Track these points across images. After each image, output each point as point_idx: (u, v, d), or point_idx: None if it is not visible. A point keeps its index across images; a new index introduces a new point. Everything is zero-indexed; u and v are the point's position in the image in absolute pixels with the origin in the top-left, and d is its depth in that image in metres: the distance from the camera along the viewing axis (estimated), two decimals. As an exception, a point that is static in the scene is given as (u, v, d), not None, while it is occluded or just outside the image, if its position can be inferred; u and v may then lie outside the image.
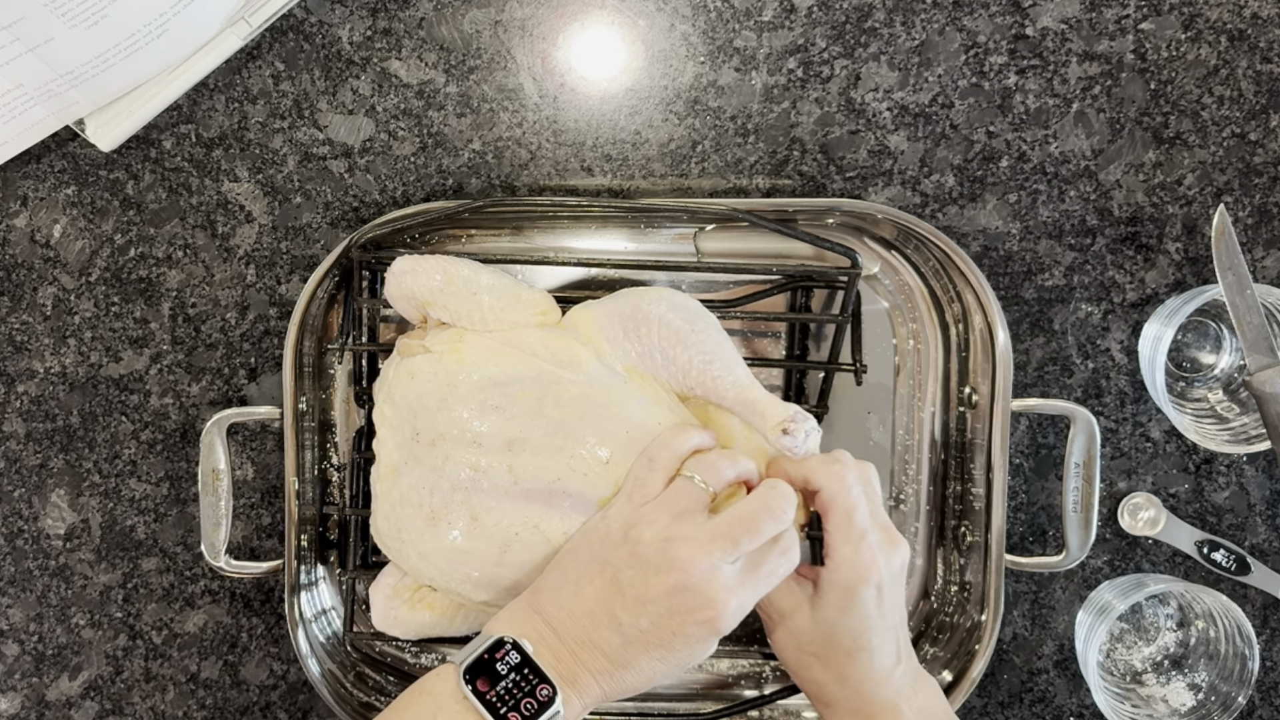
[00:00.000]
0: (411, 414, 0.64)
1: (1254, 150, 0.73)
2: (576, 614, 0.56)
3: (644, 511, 0.57)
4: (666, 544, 0.55)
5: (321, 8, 0.72)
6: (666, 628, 0.55)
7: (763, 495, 0.57)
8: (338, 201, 0.74)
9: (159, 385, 0.75)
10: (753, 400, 0.61)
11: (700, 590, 0.54)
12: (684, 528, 0.55)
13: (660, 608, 0.54)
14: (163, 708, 0.77)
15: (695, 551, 0.54)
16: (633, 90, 0.73)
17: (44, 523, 0.76)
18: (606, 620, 0.55)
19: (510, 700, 0.54)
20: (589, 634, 0.56)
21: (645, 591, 0.55)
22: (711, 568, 0.54)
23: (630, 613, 0.55)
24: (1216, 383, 0.75)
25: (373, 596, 0.68)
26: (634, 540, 0.56)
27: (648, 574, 0.55)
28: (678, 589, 0.54)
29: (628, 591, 0.55)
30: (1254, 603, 0.75)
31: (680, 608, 0.54)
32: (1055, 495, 0.75)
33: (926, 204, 0.73)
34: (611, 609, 0.55)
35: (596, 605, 0.56)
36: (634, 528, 0.56)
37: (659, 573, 0.54)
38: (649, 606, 0.55)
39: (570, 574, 0.57)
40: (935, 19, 0.72)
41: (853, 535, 0.58)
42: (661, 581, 0.54)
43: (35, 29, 0.66)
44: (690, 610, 0.54)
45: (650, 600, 0.54)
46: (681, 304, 0.64)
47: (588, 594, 0.56)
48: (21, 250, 0.74)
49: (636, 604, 0.55)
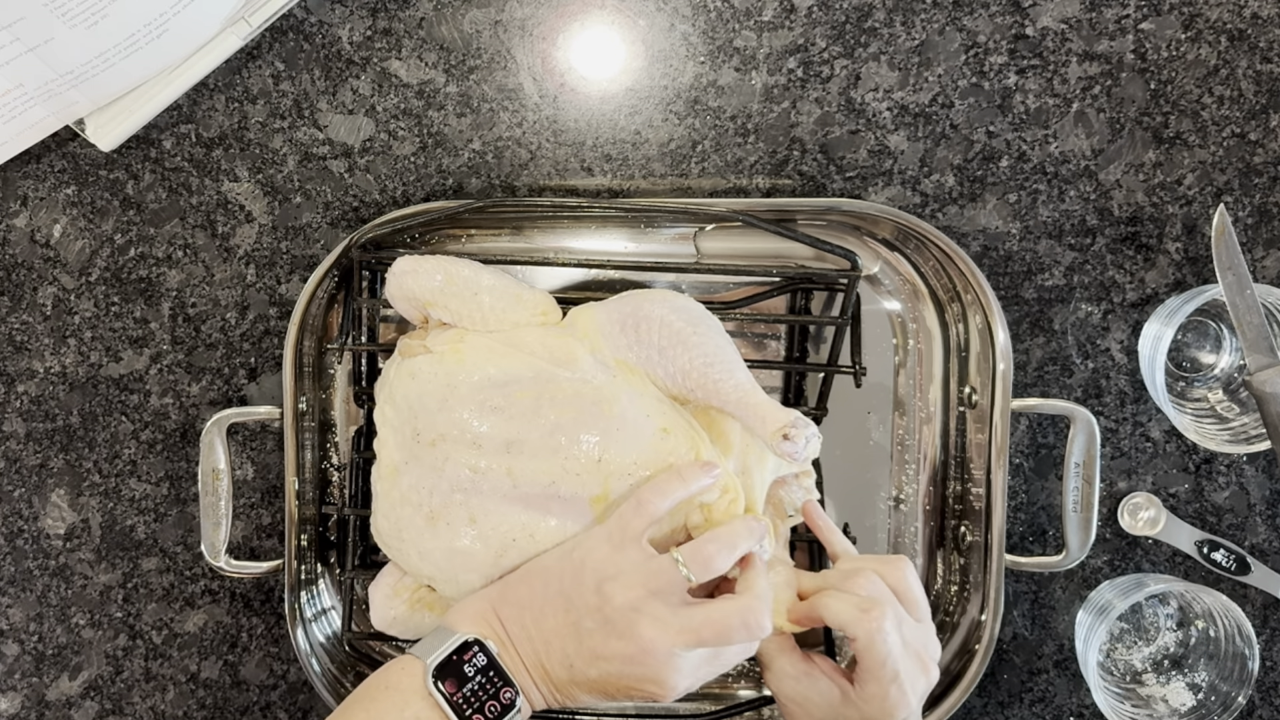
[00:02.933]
0: (412, 414, 0.64)
1: (1254, 150, 0.72)
2: (534, 638, 0.57)
3: (622, 570, 0.56)
4: (634, 614, 0.55)
5: (321, 8, 0.72)
6: (613, 683, 0.56)
7: (745, 608, 0.56)
8: (338, 201, 0.74)
9: (159, 385, 0.75)
10: (753, 405, 0.61)
11: (654, 669, 0.55)
12: (656, 606, 0.55)
13: (611, 667, 0.55)
14: (163, 708, 0.77)
15: (659, 635, 0.55)
16: (633, 90, 0.73)
17: (44, 523, 0.76)
18: (559, 657, 0.56)
19: (475, 702, 0.55)
20: (541, 659, 0.57)
21: (602, 649, 0.55)
22: (669, 654, 0.55)
23: (583, 660, 0.56)
24: (1216, 383, 0.75)
25: (372, 596, 0.68)
26: (605, 596, 0.56)
27: (608, 635, 0.55)
28: (633, 659, 0.55)
29: (585, 641, 0.56)
30: (1254, 603, 0.75)
31: (630, 675, 0.55)
32: (1055, 495, 0.75)
33: (926, 204, 0.73)
34: (565, 648, 0.56)
35: (554, 639, 0.56)
36: (608, 582, 0.56)
37: (619, 638, 0.55)
38: (601, 663, 0.55)
39: (536, 596, 0.58)
40: (935, 19, 0.72)
41: (884, 677, 0.58)
42: (620, 647, 0.55)
43: (35, 29, 0.66)
44: (640, 680, 0.55)
45: (604, 658, 0.55)
46: (683, 306, 0.64)
47: (548, 625, 0.57)
48: (21, 250, 0.74)
49: (590, 656, 0.56)
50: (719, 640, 0.55)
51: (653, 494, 0.58)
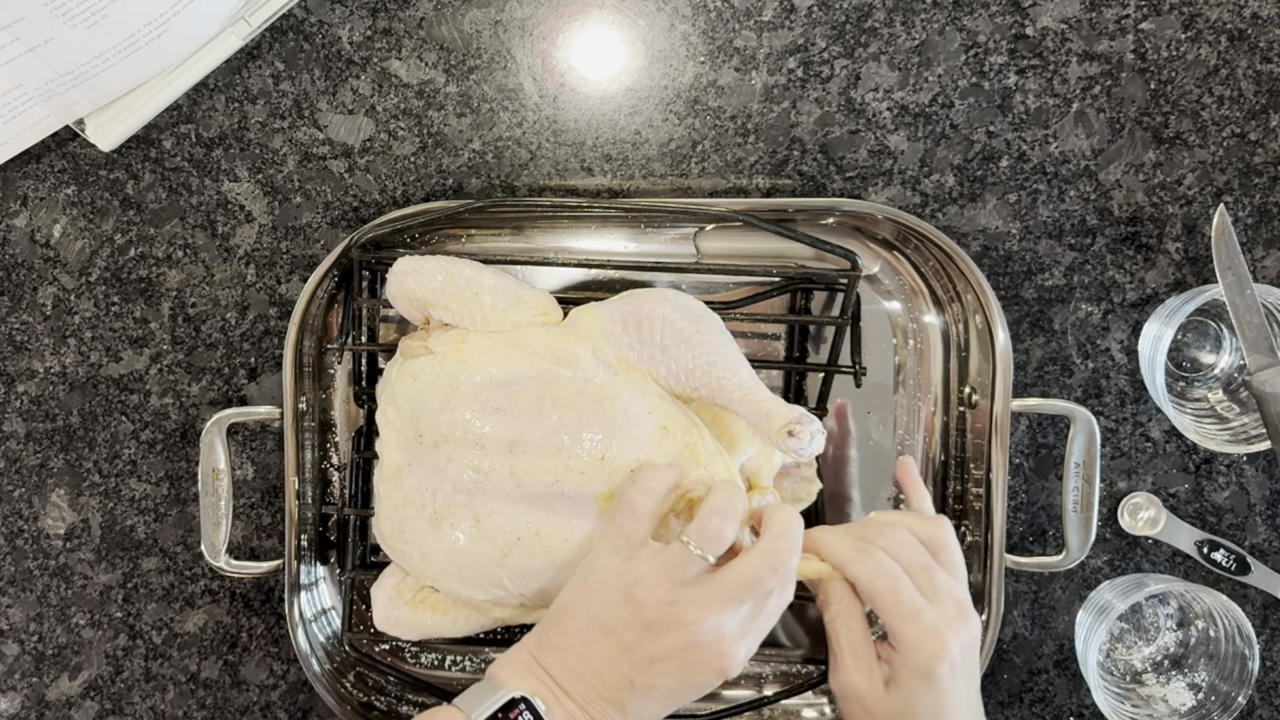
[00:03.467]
0: (414, 415, 0.64)
1: (1254, 150, 0.73)
2: (585, 675, 0.56)
3: (643, 572, 0.56)
4: (672, 607, 0.55)
5: (321, 8, 0.72)
6: (679, 679, 0.55)
7: (766, 549, 0.56)
8: (338, 201, 0.74)
9: (159, 385, 0.75)
10: (758, 402, 0.61)
11: (711, 645, 0.54)
12: (688, 591, 0.55)
13: (672, 664, 0.55)
14: (163, 708, 0.77)
15: (702, 613, 0.54)
16: (633, 90, 0.73)
17: (44, 523, 0.76)
18: (617, 678, 0.55)
19: None
20: (600, 692, 0.56)
21: (654, 651, 0.55)
22: (718, 625, 0.54)
23: (641, 672, 0.55)
24: (1216, 383, 0.75)
25: (374, 597, 0.68)
26: (637, 603, 0.55)
27: (656, 636, 0.55)
28: (688, 647, 0.54)
29: (636, 653, 0.55)
30: (1254, 603, 0.75)
31: (692, 662, 0.55)
32: (1055, 495, 0.75)
33: (926, 204, 0.73)
34: (621, 668, 0.55)
35: (605, 666, 0.56)
36: (635, 588, 0.55)
37: (667, 633, 0.54)
38: (660, 664, 0.55)
39: (572, 635, 0.57)
40: (935, 19, 0.72)
41: (906, 614, 0.57)
42: (671, 641, 0.54)
43: (35, 29, 0.66)
44: (703, 663, 0.55)
45: (660, 659, 0.55)
46: (685, 305, 0.64)
47: (594, 655, 0.56)
48: (21, 250, 0.74)
49: (646, 664, 0.55)
50: (755, 592, 0.55)
51: (641, 495, 0.58)
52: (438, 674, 0.76)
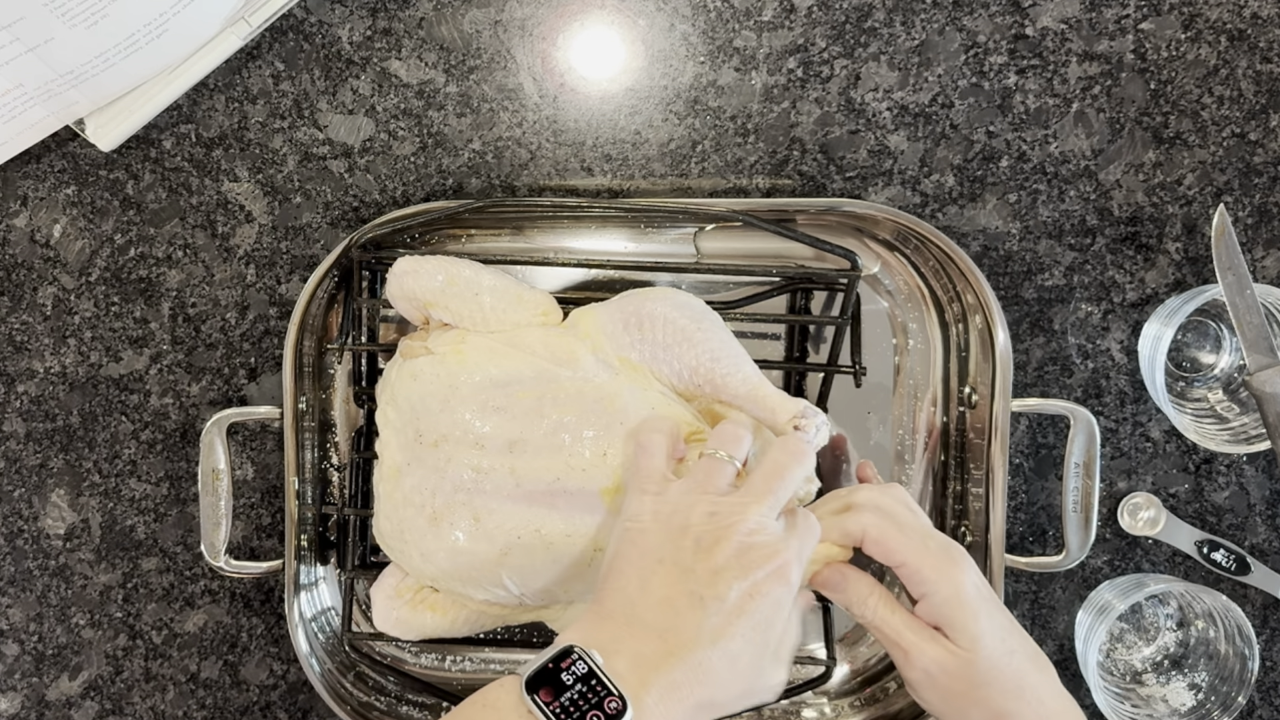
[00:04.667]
0: (414, 415, 0.64)
1: (1254, 150, 0.73)
2: (652, 605, 0.54)
3: (676, 499, 0.56)
4: (715, 517, 0.55)
5: (321, 8, 0.72)
6: (745, 591, 0.53)
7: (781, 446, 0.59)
8: (338, 201, 0.74)
9: (159, 385, 0.75)
10: (763, 397, 0.62)
11: (762, 545, 0.54)
12: (725, 499, 0.56)
13: (733, 571, 0.53)
14: (163, 708, 0.77)
15: (745, 511, 0.55)
16: (633, 90, 0.73)
17: (44, 523, 0.76)
18: (686, 600, 0.53)
19: (575, 711, 0.51)
20: (671, 621, 0.53)
21: (713, 562, 0.54)
22: (761, 522, 0.55)
23: (707, 585, 0.53)
24: (1216, 383, 0.75)
25: (374, 597, 0.68)
26: (680, 526, 0.55)
27: (709, 548, 0.54)
28: (743, 549, 0.54)
29: (697, 568, 0.54)
30: (1254, 603, 0.75)
31: (751, 564, 0.54)
32: (1055, 495, 0.75)
33: (926, 204, 0.73)
34: (688, 587, 0.53)
35: (671, 590, 0.54)
36: (675, 515, 0.56)
37: (719, 542, 0.54)
38: (723, 573, 0.53)
39: (629, 575, 0.55)
40: (935, 19, 0.72)
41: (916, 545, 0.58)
42: (725, 548, 0.54)
43: (35, 29, 0.66)
44: (760, 564, 0.54)
45: (722, 568, 0.54)
46: (686, 303, 0.64)
47: (656, 585, 0.54)
48: (21, 250, 0.74)
49: (710, 575, 0.53)
50: (785, 482, 0.57)
51: (650, 433, 0.59)
52: (438, 674, 0.75)
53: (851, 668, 0.75)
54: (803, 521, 0.58)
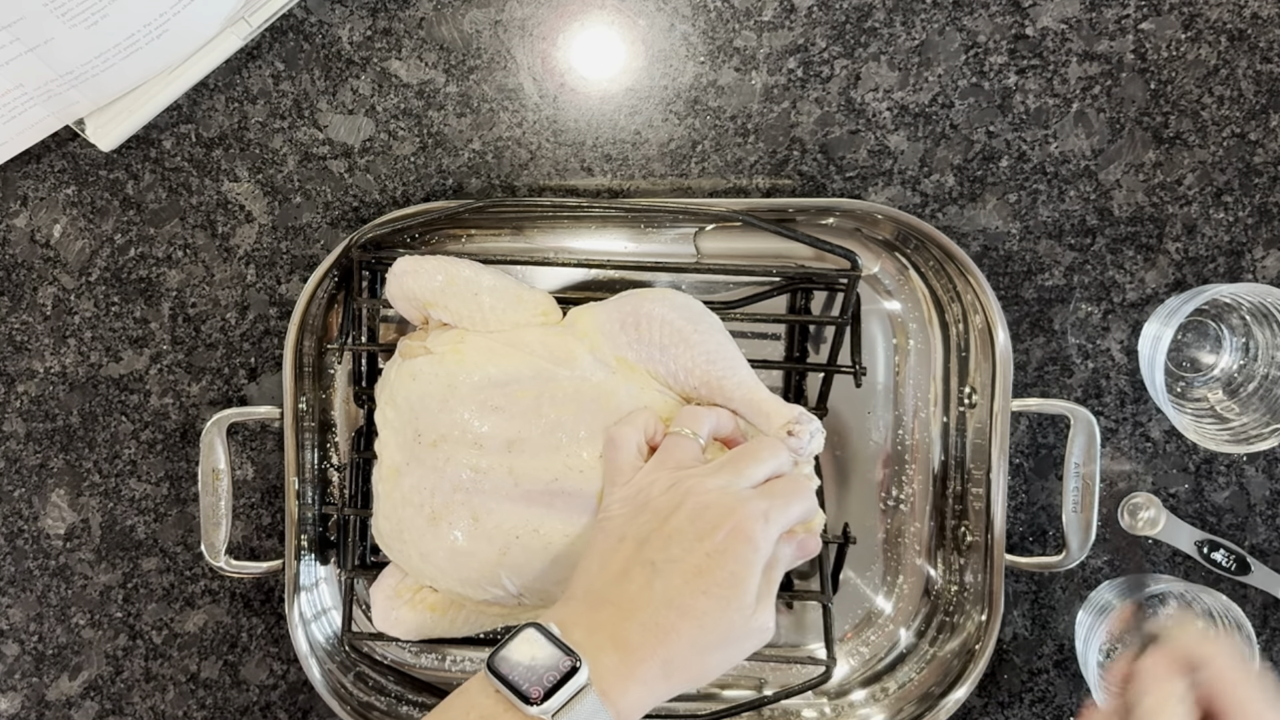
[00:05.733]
0: (413, 415, 0.64)
1: (1254, 150, 0.72)
2: (609, 580, 0.55)
3: (641, 479, 0.57)
4: (674, 487, 0.56)
5: (321, 8, 0.72)
6: (701, 550, 0.53)
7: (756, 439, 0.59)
8: (338, 201, 0.74)
9: (159, 385, 0.75)
10: (757, 401, 0.62)
11: (720, 504, 0.54)
12: (686, 472, 0.56)
13: (688, 533, 0.53)
14: (163, 708, 0.77)
15: (703, 478, 0.55)
16: (633, 90, 0.73)
17: (44, 523, 0.76)
18: (640, 569, 0.54)
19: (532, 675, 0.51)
20: (626, 590, 0.54)
21: (668, 528, 0.54)
22: (723, 487, 0.55)
23: (661, 550, 0.54)
24: (1216, 383, 0.75)
25: (374, 597, 0.68)
26: (642, 504, 0.56)
27: (666, 515, 0.55)
28: (697, 510, 0.54)
29: (653, 539, 0.54)
30: (1254, 603, 0.75)
31: (707, 526, 0.53)
32: (1055, 495, 0.75)
33: (926, 204, 0.73)
34: (644, 556, 0.54)
35: (628, 562, 0.54)
36: (639, 494, 0.57)
37: (676, 509, 0.55)
38: (676, 536, 0.54)
39: (592, 559, 0.57)
40: (935, 19, 0.72)
41: None
42: (681, 513, 0.54)
43: (35, 29, 0.66)
44: (717, 523, 0.53)
45: (675, 530, 0.54)
46: (684, 304, 0.64)
47: (615, 561, 0.55)
48: (21, 250, 0.74)
49: (663, 540, 0.54)
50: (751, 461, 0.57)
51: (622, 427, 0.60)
52: (438, 674, 0.75)
53: (851, 667, 0.75)
54: (782, 483, 0.57)
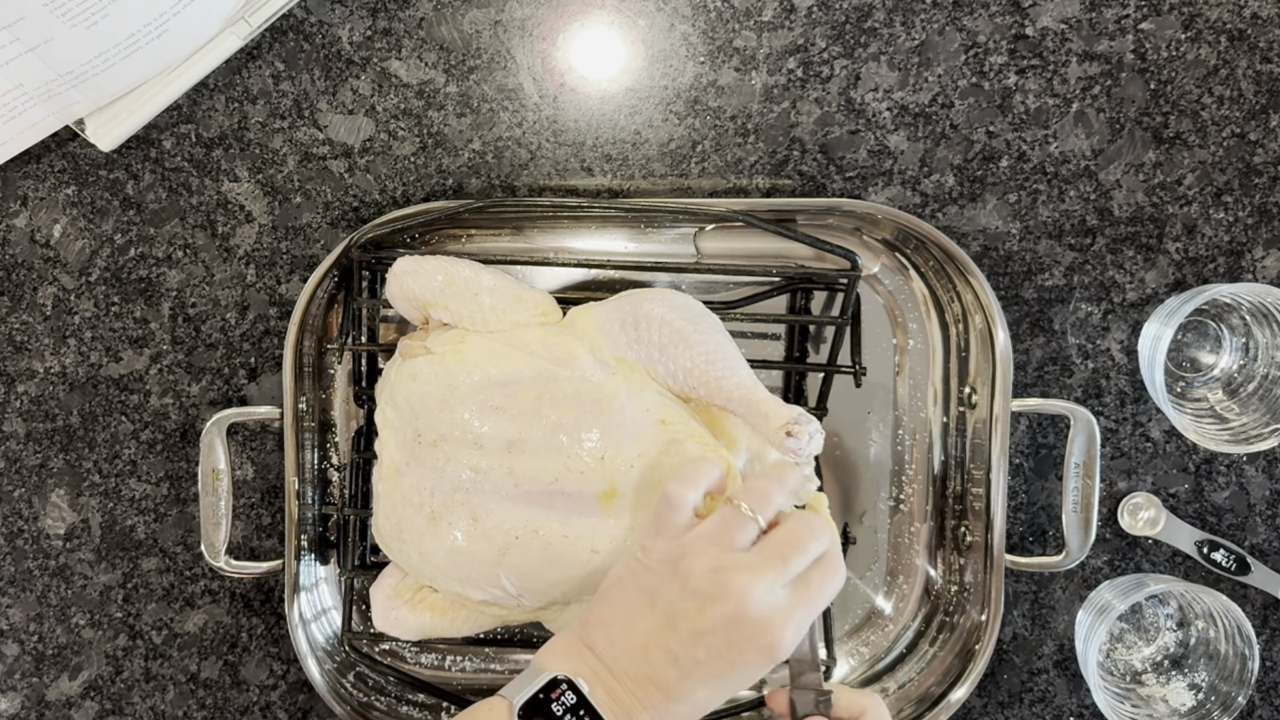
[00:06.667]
0: (413, 415, 0.64)
1: (1254, 150, 0.72)
2: (630, 650, 0.55)
3: (690, 544, 0.55)
4: (718, 574, 0.53)
5: (321, 8, 0.72)
6: (725, 659, 0.53)
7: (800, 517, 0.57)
8: (338, 201, 0.74)
9: (159, 385, 0.75)
10: (756, 402, 0.61)
11: (757, 619, 0.53)
12: (734, 556, 0.54)
13: (718, 639, 0.53)
14: (163, 708, 0.77)
15: (750, 579, 0.53)
16: (633, 90, 0.73)
17: (44, 523, 0.76)
18: (662, 655, 0.54)
19: None
20: (644, 670, 0.54)
21: (700, 624, 0.53)
22: (766, 593, 0.53)
23: (686, 646, 0.53)
24: (1216, 383, 0.75)
25: (373, 597, 0.68)
26: (684, 574, 0.54)
27: (702, 605, 0.53)
28: (734, 619, 0.53)
29: (681, 625, 0.54)
30: (1254, 603, 0.75)
31: (738, 638, 0.53)
32: (1055, 495, 0.75)
33: (926, 204, 0.73)
34: (666, 643, 0.54)
35: (650, 640, 0.54)
36: (682, 560, 0.55)
37: (713, 603, 0.53)
38: (706, 638, 0.53)
39: (619, 608, 0.56)
40: (935, 19, 0.72)
41: None
42: (717, 612, 0.53)
43: (35, 29, 0.66)
44: (748, 640, 0.53)
45: (706, 632, 0.53)
46: (684, 305, 0.64)
47: (639, 629, 0.55)
48: (21, 250, 0.74)
49: (692, 636, 0.53)
50: (800, 552, 0.55)
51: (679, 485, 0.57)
52: (438, 674, 0.75)
53: (851, 667, 0.75)
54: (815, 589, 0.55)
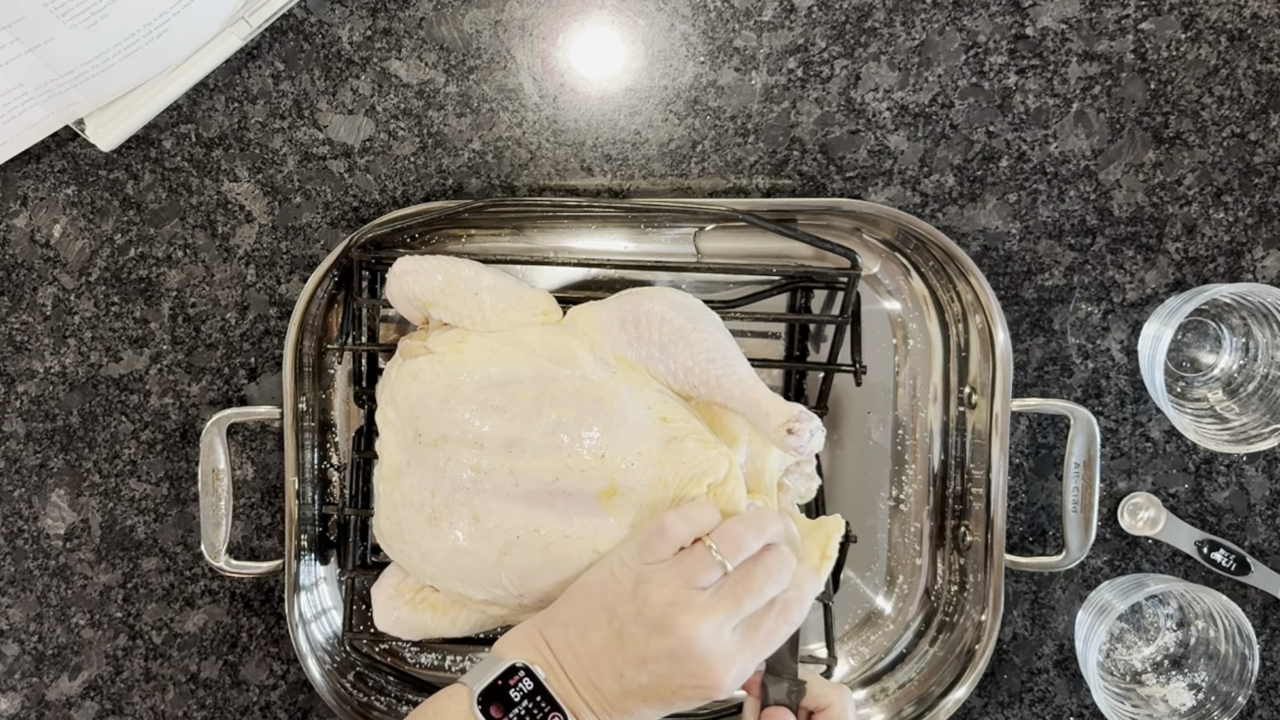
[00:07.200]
0: (414, 415, 0.64)
1: (1254, 150, 0.73)
2: (581, 655, 0.57)
3: (657, 572, 0.56)
4: (671, 608, 0.55)
5: (321, 8, 0.72)
6: (666, 687, 0.55)
7: (761, 558, 0.57)
8: (338, 201, 0.74)
9: (159, 385, 0.75)
10: (757, 400, 0.61)
11: (701, 659, 0.55)
12: (690, 595, 0.55)
13: (660, 668, 0.55)
14: (163, 708, 0.77)
15: (698, 619, 0.55)
16: (633, 90, 0.73)
17: (44, 523, 0.76)
18: (609, 669, 0.56)
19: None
20: (591, 676, 0.57)
21: (646, 650, 0.55)
22: (713, 634, 0.55)
23: (631, 668, 0.56)
24: (1216, 383, 0.75)
25: (375, 597, 0.68)
26: (642, 599, 0.56)
27: (650, 635, 0.55)
28: (677, 655, 0.55)
29: (629, 647, 0.56)
30: (1254, 603, 0.75)
31: (679, 672, 0.55)
32: (1055, 495, 0.75)
33: (926, 204, 0.73)
34: (614, 659, 0.56)
35: (600, 651, 0.56)
36: (643, 585, 0.56)
37: (660, 635, 0.55)
38: (649, 665, 0.55)
39: (580, 613, 0.58)
40: (935, 19, 0.72)
41: None
42: (662, 644, 0.55)
43: (35, 29, 0.66)
44: (689, 675, 0.55)
45: (650, 659, 0.55)
46: (683, 303, 0.64)
47: (593, 639, 0.57)
48: (21, 250, 0.74)
49: (637, 661, 0.55)
50: (753, 595, 0.55)
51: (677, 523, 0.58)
52: (438, 674, 0.76)
53: (851, 667, 0.75)
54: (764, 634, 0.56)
